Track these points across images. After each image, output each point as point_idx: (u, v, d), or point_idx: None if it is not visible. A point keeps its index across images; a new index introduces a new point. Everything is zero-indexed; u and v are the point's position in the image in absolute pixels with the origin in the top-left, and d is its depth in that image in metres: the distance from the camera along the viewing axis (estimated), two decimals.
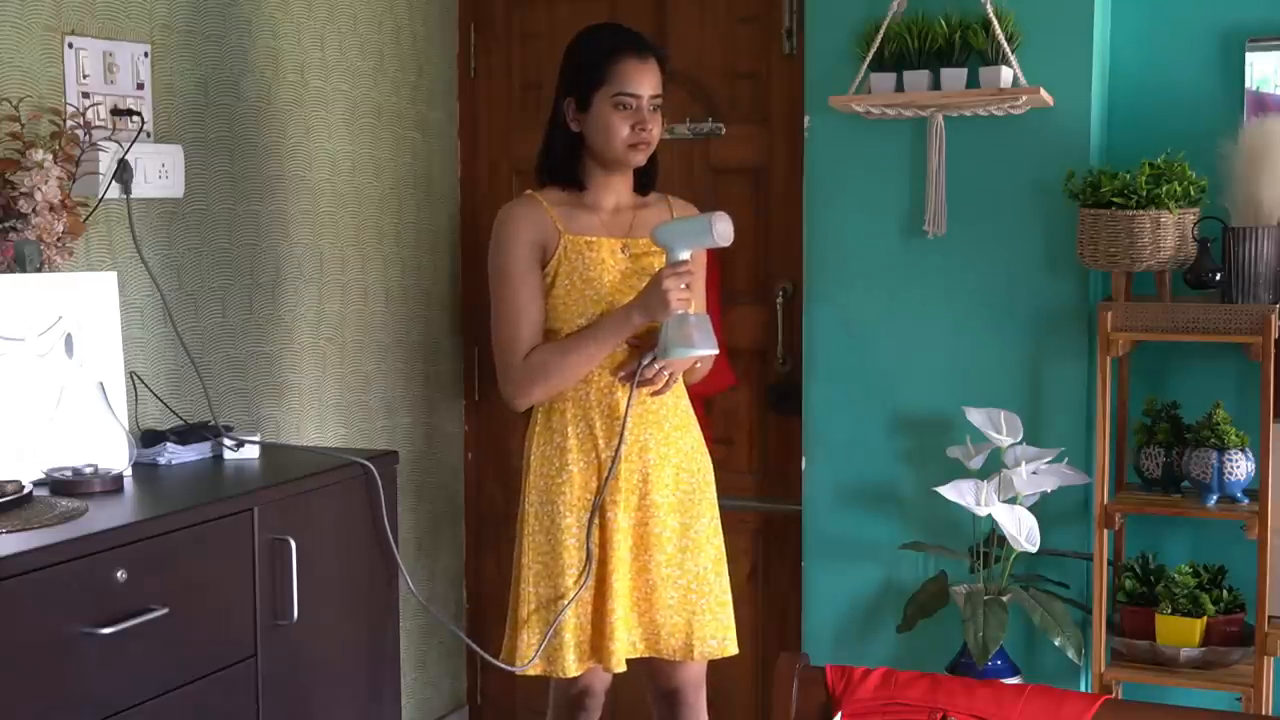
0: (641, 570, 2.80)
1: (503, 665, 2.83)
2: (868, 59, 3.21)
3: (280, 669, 2.52)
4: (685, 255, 2.68)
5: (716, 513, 2.90)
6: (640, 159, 2.79)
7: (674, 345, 2.68)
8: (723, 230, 2.65)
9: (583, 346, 2.73)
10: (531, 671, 2.80)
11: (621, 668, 2.80)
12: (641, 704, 3.27)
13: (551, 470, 2.79)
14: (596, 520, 2.77)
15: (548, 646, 2.78)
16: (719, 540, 2.89)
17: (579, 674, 2.81)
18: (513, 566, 2.86)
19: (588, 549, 2.76)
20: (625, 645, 2.79)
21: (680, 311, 2.66)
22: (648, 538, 2.80)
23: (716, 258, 3.72)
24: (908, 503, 3.37)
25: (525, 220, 2.78)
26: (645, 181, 2.89)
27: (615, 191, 2.84)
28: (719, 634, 2.84)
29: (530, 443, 2.84)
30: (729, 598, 2.88)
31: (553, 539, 2.78)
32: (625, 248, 2.80)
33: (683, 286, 2.66)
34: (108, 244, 2.82)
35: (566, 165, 2.82)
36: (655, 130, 2.78)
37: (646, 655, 2.85)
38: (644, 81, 2.75)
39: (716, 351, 2.75)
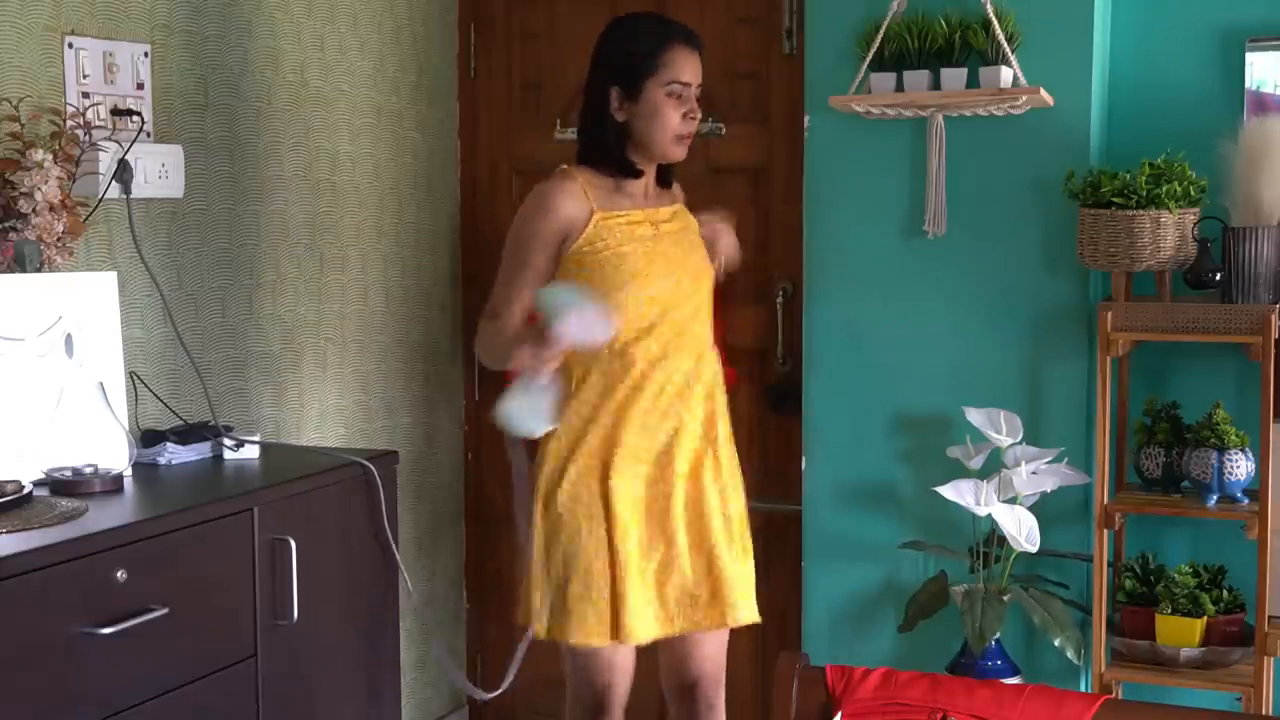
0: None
1: (478, 695, 2.92)
2: (868, 59, 3.21)
3: (280, 669, 2.52)
4: (559, 333, 2.56)
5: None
6: (681, 153, 2.80)
7: (501, 411, 2.65)
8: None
9: (508, 348, 2.68)
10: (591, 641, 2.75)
11: (637, 639, 2.74)
12: (646, 705, 3.27)
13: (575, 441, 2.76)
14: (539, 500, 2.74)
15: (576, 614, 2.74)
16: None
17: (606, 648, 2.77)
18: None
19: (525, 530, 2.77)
20: (644, 621, 2.73)
21: (530, 380, 2.61)
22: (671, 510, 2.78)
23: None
24: (907, 502, 3.36)
25: (559, 205, 2.73)
26: (667, 175, 2.90)
27: (646, 177, 2.84)
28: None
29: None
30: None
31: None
32: (653, 218, 2.80)
33: (544, 358, 2.58)
34: (108, 244, 2.82)
35: (620, 156, 2.78)
36: (697, 121, 2.80)
37: (681, 630, 2.80)
38: (695, 69, 2.77)
39: (538, 432, 2.68)
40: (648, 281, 2.73)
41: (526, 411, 2.64)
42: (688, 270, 2.80)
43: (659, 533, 2.77)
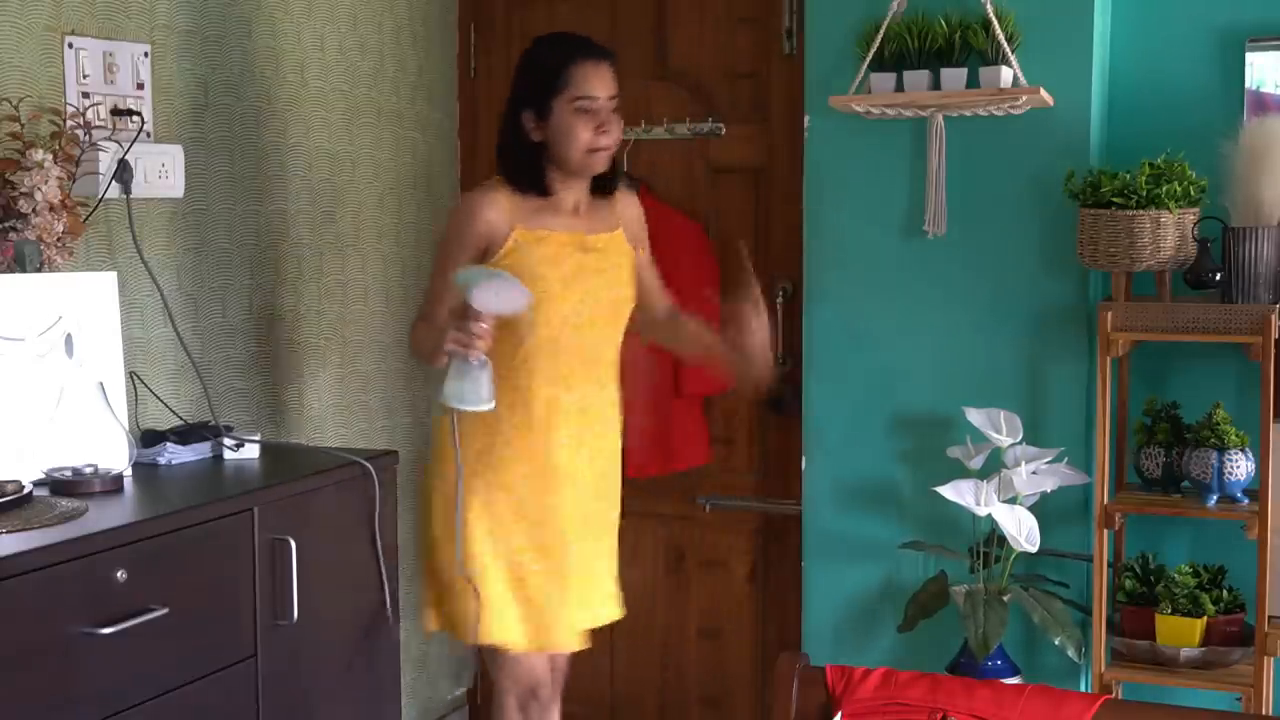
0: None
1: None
2: (868, 59, 3.21)
3: (280, 669, 2.52)
4: (475, 305, 2.59)
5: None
6: (600, 165, 2.83)
7: (444, 393, 2.65)
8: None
9: (437, 337, 2.71)
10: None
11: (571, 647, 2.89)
12: (636, 702, 3.28)
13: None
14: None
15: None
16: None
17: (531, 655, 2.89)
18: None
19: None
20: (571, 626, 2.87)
21: (458, 359, 2.61)
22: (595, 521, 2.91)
23: (716, 257, 3.73)
24: (907, 502, 3.36)
25: (481, 212, 2.80)
26: (602, 184, 2.90)
27: (575, 191, 2.87)
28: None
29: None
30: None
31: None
32: (582, 244, 2.84)
33: (471, 334, 2.59)
34: (108, 244, 2.82)
35: (533, 176, 2.83)
36: (616, 132, 2.81)
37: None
38: (605, 83, 2.79)
39: (484, 408, 2.66)
40: (563, 303, 2.79)
41: (468, 390, 2.63)
42: (604, 301, 2.86)
43: (556, 546, 2.85)
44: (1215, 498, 2.99)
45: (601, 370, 2.88)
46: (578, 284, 2.80)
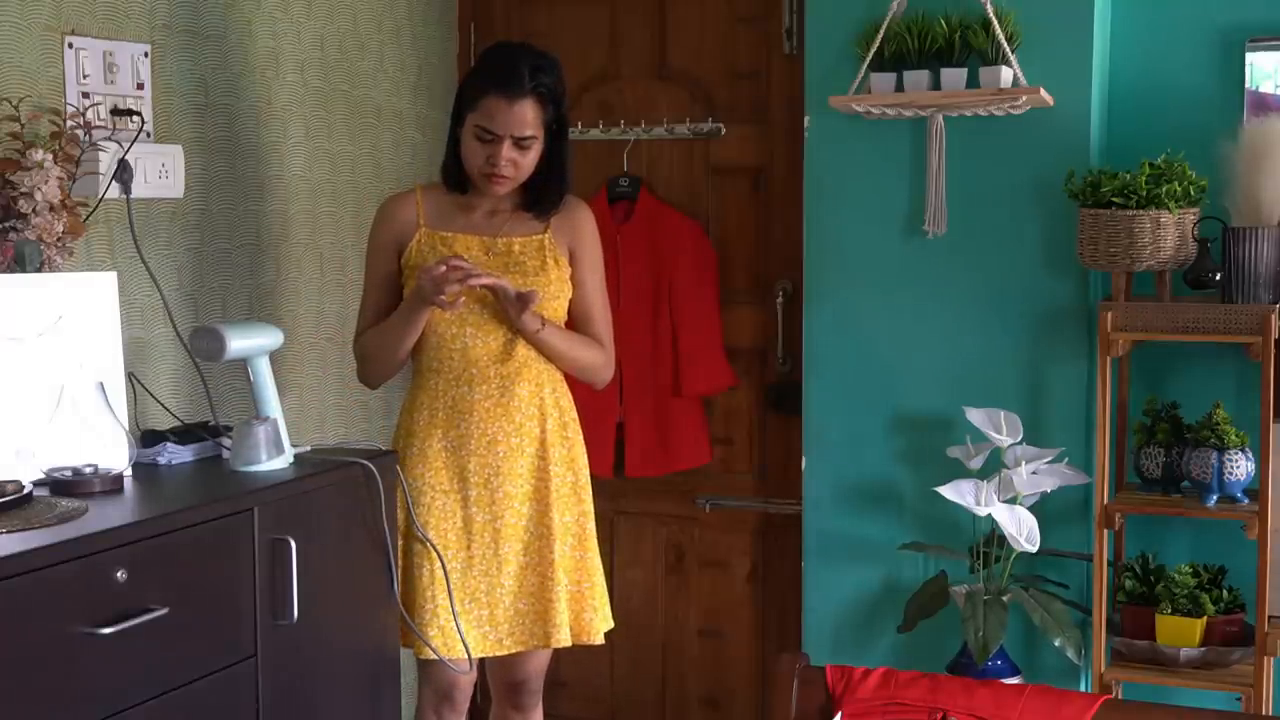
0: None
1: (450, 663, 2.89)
2: (868, 59, 3.21)
3: (280, 669, 2.52)
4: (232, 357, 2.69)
5: (579, 506, 2.95)
6: (496, 190, 2.85)
7: (234, 457, 2.64)
8: (194, 346, 2.68)
9: (386, 328, 2.88)
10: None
11: (459, 654, 2.86)
12: (636, 702, 3.28)
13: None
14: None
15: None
16: (577, 532, 2.94)
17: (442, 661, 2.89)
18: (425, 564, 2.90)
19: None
20: (473, 638, 2.86)
21: (249, 420, 2.66)
22: (502, 530, 2.88)
23: (717, 257, 3.73)
24: (908, 503, 3.37)
25: (390, 214, 2.93)
26: (535, 204, 2.90)
27: (492, 197, 2.90)
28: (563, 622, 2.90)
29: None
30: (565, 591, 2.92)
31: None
32: (489, 247, 2.87)
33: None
34: (108, 244, 2.82)
35: (453, 170, 2.89)
36: (523, 164, 2.82)
37: (510, 650, 2.91)
38: (507, 122, 2.78)
39: (259, 467, 2.63)
40: (454, 301, 2.80)
41: (246, 451, 2.63)
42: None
43: (490, 553, 2.87)
44: (1215, 498, 2.99)
45: (509, 369, 2.86)
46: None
